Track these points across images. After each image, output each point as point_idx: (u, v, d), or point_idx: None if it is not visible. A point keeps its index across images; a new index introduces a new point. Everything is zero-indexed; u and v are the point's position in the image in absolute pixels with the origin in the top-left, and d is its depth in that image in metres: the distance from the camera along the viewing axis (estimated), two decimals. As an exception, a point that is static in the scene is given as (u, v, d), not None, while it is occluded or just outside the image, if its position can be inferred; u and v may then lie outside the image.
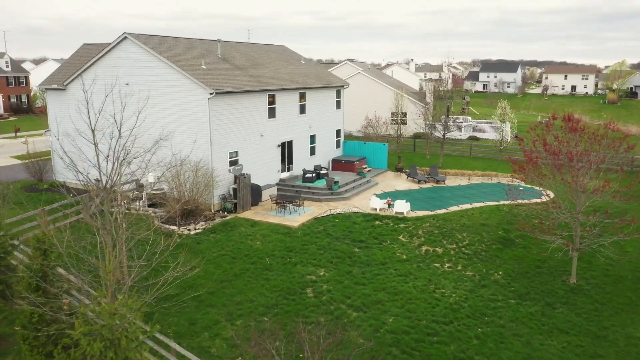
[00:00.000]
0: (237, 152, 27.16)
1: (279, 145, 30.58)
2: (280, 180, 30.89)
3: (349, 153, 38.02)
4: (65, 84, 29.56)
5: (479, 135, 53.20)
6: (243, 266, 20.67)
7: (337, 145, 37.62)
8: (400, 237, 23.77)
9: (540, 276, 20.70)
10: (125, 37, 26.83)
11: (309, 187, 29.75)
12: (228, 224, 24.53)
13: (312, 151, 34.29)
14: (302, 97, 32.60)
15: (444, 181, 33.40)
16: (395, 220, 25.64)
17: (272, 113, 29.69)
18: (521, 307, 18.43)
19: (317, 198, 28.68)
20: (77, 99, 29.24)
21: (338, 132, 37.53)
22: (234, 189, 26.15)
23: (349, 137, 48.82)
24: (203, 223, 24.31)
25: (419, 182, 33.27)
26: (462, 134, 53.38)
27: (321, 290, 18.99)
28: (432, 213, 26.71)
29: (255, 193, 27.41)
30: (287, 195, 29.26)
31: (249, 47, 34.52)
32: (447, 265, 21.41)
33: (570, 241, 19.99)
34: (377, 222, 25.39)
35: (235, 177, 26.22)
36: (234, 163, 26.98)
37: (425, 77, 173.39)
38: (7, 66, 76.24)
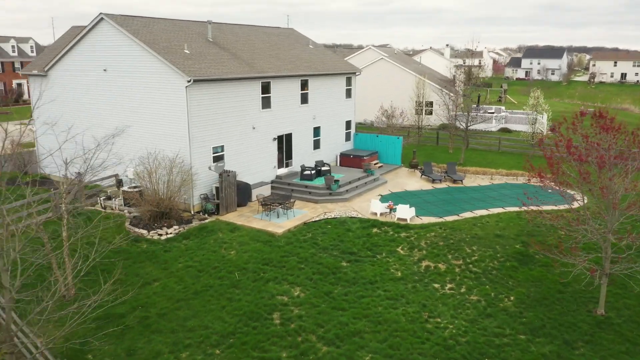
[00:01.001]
0: (222, 146, 24.41)
1: (275, 139, 27.67)
2: (277, 177, 28.04)
3: (360, 147, 34.75)
4: (45, 70, 27.47)
5: (511, 127, 48.77)
6: (208, 282, 17.97)
7: (347, 138, 34.41)
8: (399, 249, 20.55)
9: (561, 303, 17.18)
10: (102, 19, 24.37)
11: (306, 186, 26.78)
12: (205, 229, 21.89)
13: (317, 145, 31.24)
14: (305, 85, 29.52)
15: (461, 181, 29.77)
16: (396, 227, 22.39)
17: (266, 103, 26.77)
18: (532, 345, 15.05)
19: (313, 199, 25.69)
20: (58, 86, 27.19)
21: (348, 124, 34.29)
22: (217, 188, 23.46)
23: (369, 127, 45.48)
24: (177, 227, 21.74)
25: (433, 181, 29.76)
26: (493, 126, 49.10)
27: (291, 316, 16.08)
28: (440, 220, 23.29)
29: (243, 192, 24.65)
30: (282, 195, 26.40)
31: (250, 30, 31.61)
32: (448, 286, 18.12)
33: (596, 266, 16.36)
34: (374, 230, 22.22)
35: (220, 174, 23.50)
36: (218, 159, 24.28)
37: (464, 63, 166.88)
38: (13, 51, 75.14)
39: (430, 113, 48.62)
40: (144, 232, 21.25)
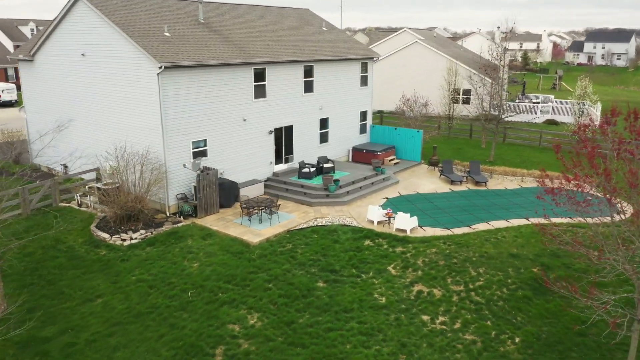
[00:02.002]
0: (205, 140, 21.89)
1: (271, 132, 24.90)
2: (274, 174, 25.32)
3: (377, 140, 31.45)
4: (31, 54, 25.79)
5: (558, 118, 43.78)
6: (156, 301, 15.58)
7: (362, 131, 31.17)
8: (390, 268, 17.43)
9: (580, 350, 13.71)
10: (78, -2, 22.27)
11: (303, 186, 23.92)
12: (175, 234, 19.52)
13: (324, 138, 28.24)
14: (309, 72, 26.49)
15: (485, 183, 26.01)
16: (393, 240, 19.22)
17: (260, 92, 23.98)
18: (533, 410, 11.75)
19: (307, 201, 22.82)
20: (44, 72, 25.50)
21: (364, 115, 31.02)
22: (195, 188, 21.01)
23: (398, 117, 41.85)
24: (144, 231, 19.49)
25: (452, 182, 26.17)
26: (538, 117, 44.30)
27: (236, 353, 13.43)
28: (446, 232, 19.90)
29: (228, 192, 22.10)
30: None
31: (254, 11, 28.80)
32: (440, 319, 14.92)
33: (626, 309, 12.69)
34: (366, 242, 19.15)
35: (198, 173, 21.03)
36: (200, 154, 21.80)
37: (520, 47, 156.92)
38: (32, 33, 74.51)
39: (467, 102, 44.37)
40: (106, 236, 19.13)
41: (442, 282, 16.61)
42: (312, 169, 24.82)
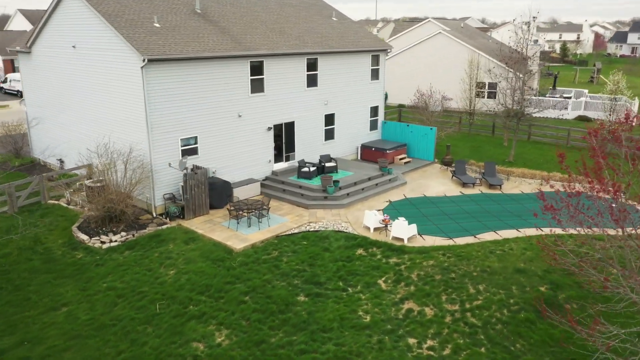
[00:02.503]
0: (195, 137, 20.75)
1: (270, 129, 23.58)
2: (273, 173, 24.03)
3: (388, 137, 29.76)
4: (28, 45, 25.18)
5: (591, 114, 40.94)
6: (122, 312, 14.54)
7: (373, 127, 29.52)
8: (380, 282, 15.93)
9: (586, 389, 11.95)
10: (68, -13, 21.40)
11: (300, 186, 22.55)
12: (158, 237, 18.49)
13: (329, 135, 26.75)
14: (313, 65, 25.00)
15: (500, 186, 24.06)
16: (388, 249, 17.68)
17: (257, 86, 22.66)
18: None
19: (304, 203, 21.44)
20: (41, 64, 24.87)
21: (375, 110, 29.35)
22: (183, 188, 19.91)
23: (418, 111, 39.97)
24: (125, 233, 18.53)
25: (464, 184, 24.31)
26: (568, 113, 41.56)
27: (194, 376, 12.26)
28: (448, 242, 18.22)
29: (220, 192, 20.94)
30: (273, 196, 22.44)
31: (257, 0, 27.41)
32: (429, 342, 13.37)
33: (631, 351, 10.89)
34: (359, 251, 17.67)
35: (185, 172, 19.93)
36: (190, 152, 20.69)
37: (559, 38, 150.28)
38: None
39: (493, 96, 41.95)
40: (86, 238, 18.25)
41: (435, 299, 15.01)
42: (313, 169, 23.42)
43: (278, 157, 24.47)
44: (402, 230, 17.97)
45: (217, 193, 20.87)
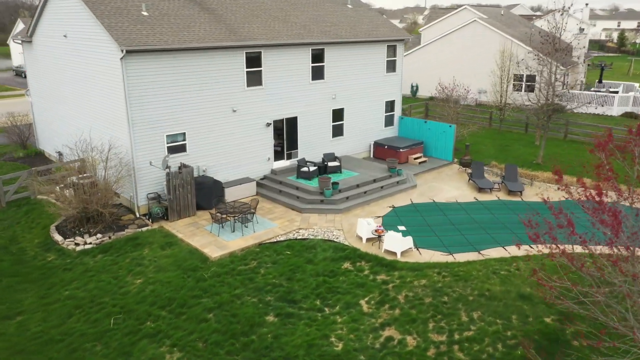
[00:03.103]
0: (183, 134, 19.50)
1: (269, 124, 22.06)
2: (273, 172, 22.56)
3: (405, 134, 27.69)
4: (29, 34, 24.58)
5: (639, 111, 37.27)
6: (74, 326, 13.46)
7: (389, 123, 27.51)
8: (363, 302, 14.20)
9: None
10: (58, -27, 20.45)
11: (298, 188, 20.98)
12: (135, 240, 17.39)
13: (338, 131, 24.98)
14: (320, 56, 23.23)
15: (520, 192, 21.69)
16: (378, 264, 15.90)
17: (255, 79, 21.15)
18: None
19: (298, 206, 19.87)
20: (40, 54, 24.25)
21: (391, 105, 27.32)
22: (167, 188, 18.70)
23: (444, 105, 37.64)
24: (102, 235, 17.53)
25: (480, 189, 22.07)
26: (613, 109, 38.01)
27: (130, 407, 11.00)
28: (447, 258, 16.23)
29: (209, 192, 19.66)
30: (269, 197, 20.99)
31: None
32: (403, 381, 11.62)
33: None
34: (345, 265, 15.97)
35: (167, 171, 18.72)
36: (178, 150, 19.46)
37: (618, 25, 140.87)
38: None
39: (531, 90, 38.83)
40: (60, 239, 17.36)
41: (421, 327, 13.17)
42: (313, 168, 21.78)
43: (279, 155, 22.96)
44: (395, 243, 16.13)
45: (205, 193, 19.59)
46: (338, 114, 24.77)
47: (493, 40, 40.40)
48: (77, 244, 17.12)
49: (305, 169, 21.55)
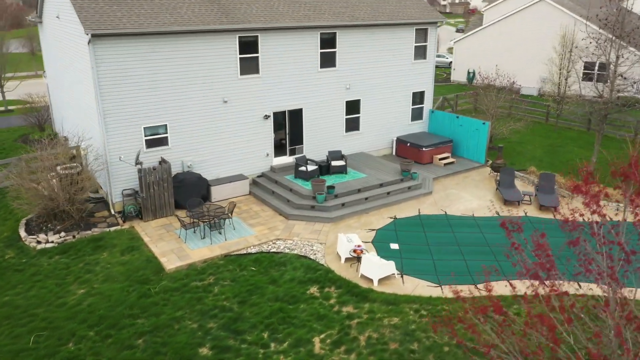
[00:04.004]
0: (165, 126, 17.87)
1: (267, 117, 19.95)
2: (272, 169, 20.53)
3: (436, 130, 24.57)
4: (38, 14, 23.91)
5: None
6: (-8, 341, 12.28)
7: (417, 117, 24.49)
8: (316, 340, 11.92)
9: None
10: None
11: (291, 189, 18.81)
12: (99, 241, 16.09)
13: (353, 125, 22.41)
14: (331, 41, 20.68)
15: (555, 208, 18.19)
16: (348, 292, 13.48)
17: (250, 66, 19.05)
18: None
19: (285, 211, 17.72)
20: (47, 35, 23.57)
21: (420, 96, 24.26)
22: (140, 185, 17.18)
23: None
24: (65, 233, 16.36)
25: (505, 201, 18.78)
26: None
27: None
28: (433, 290, 13.47)
29: (191, 191, 17.99)
30: (260, 197, 19.03)
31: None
32: None
33: None
34: (312, 290, 13.69)
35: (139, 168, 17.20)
36: (158, 143, 17.88)
37: None
38: None
39: (595, 80, 33.75)
40: (24, 235, 16.40)
41: (375, 382, 10.75)
42: (313, 168, 19.49)
43: (281, 151, 20.85)
44: (372, 268, 13.60)
45: (186, 191, 17.93)
46: (353, 106, 22.18)
47: (561, 22, 35.46)
48: (38, 242, 16.08)
49: (303, 168, 19.31)
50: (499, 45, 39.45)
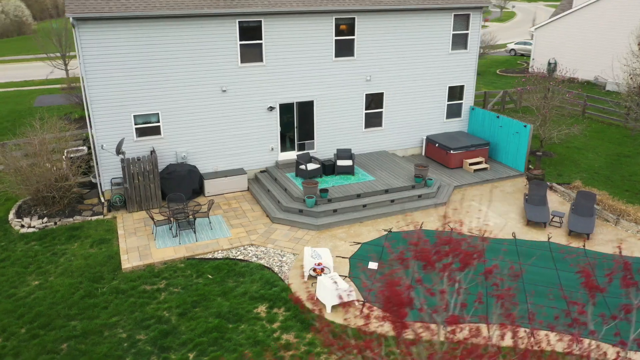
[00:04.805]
0: (157, 115, 17.14)
1: (272, 109, 18.56)
2: (277, 164, 19.21)
3: (475, 130, 21.78)
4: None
5: None
6: None
7: (454, 114, 21.82)
8: (240, 370, 10.59)
9: None
10: None
11: (285, 189, 17.35)
12: (77, 230, 15.80)
13: (374, 121, 20.36)
14: (349, 27, 18.73)
15: (587, 235, 15.11)
16: (295, 317, 11.90)
17: (252, 54, 17.70)
18: None
19: (271, 213, 16.32)
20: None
21: (459, 91, 21.56)
22: (123, 176, 16.61)
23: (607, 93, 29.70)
24: (48, 219, 16.26)
25: (528, 222, 15.93)
26: None
27: None
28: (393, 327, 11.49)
29: (181, 183, 17.20)
30: (256, 194, 17.85)
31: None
32: None
33: None
34: (260, 308, 12.28)
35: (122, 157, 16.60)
36: (150, 132, 17.21)
37: None
38: None
39: None
40: (11, 217, 16.54)
41: None
42: (314, 167, 17.88)
43: (289, 145, 19.43)
44: (326, 293, 11.87)
45: (175, 184, 17.17)
46: (375, 100, 20.12)
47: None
48: (22, 226, 16.14)
49: (303, 166, 17.77)
50: (588, 32, 34.63)
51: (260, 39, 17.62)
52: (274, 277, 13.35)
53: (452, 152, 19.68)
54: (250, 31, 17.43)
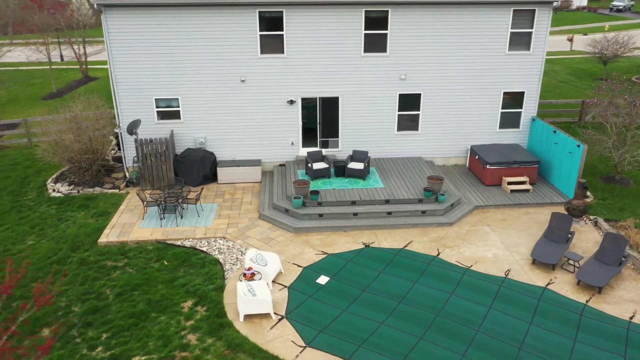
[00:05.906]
0: (177, 99, 17.76)
1: (292, 102, 18.05)
2: (297, 159, 18.75)
3: (534, 144, 18.86)
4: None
5: None
6: (-59, 267, 14.35)
7: (510, 124, 19.10)
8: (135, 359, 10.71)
9: None
10: None
11: (286, 187, 16.83)
12: (91, 200, 17.21)
13: (410, 124, 18.71)
14: (380, 21, 17.33)
15: (599, 289, 12.18)
16: (210, 319, 11.56)
17: (273, 45, 17.31)
18: None
19: (261, 210, 16.00)
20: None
21: (519, 99, 18.79)
22: (136, 155, 17.52)
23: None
24: (72, 187, 17.90)
25: (534, 261, 13.32)
26: None
27: None
28: (302, 355, 10.50)
29: (191, 167, 17.72)
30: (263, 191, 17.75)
31: None
32: None
33: None
34: (187, 303, 12.19)
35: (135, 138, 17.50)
36: (170, 116, 17.93)
37: None
38: None
39: None
40: (50, 182, 18.53)
41: None
42: (323, 166, 17.07)
43: (311, 141, 18.82)
44: (240, 300, 11.31)
45: (186, 168, 17.75)
46: (411, 101, 18.47)
47: None
48: (53, 190, 18.06)
49: (310, 164, 17.08)
50: None
51: (282, 30, 17.19)
52: (219, 275, 13.15)
53: (488, 167, 17.31)
54: (271, 22, 17.09)
